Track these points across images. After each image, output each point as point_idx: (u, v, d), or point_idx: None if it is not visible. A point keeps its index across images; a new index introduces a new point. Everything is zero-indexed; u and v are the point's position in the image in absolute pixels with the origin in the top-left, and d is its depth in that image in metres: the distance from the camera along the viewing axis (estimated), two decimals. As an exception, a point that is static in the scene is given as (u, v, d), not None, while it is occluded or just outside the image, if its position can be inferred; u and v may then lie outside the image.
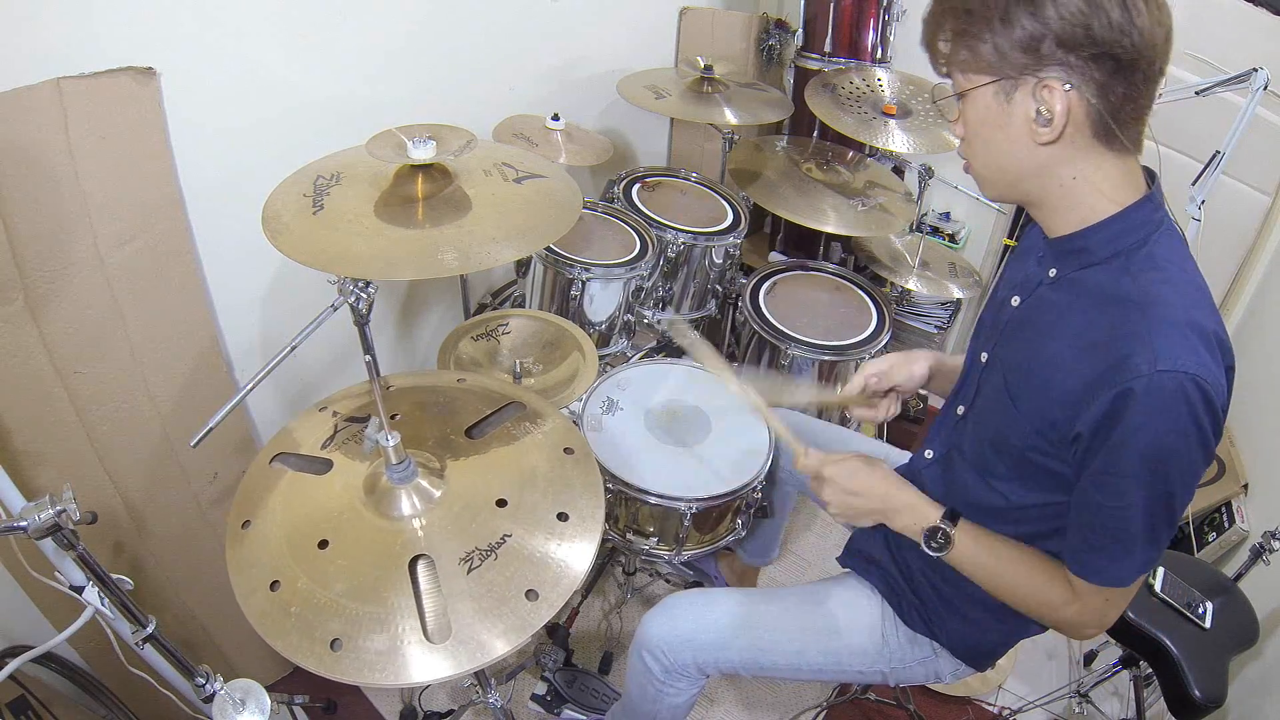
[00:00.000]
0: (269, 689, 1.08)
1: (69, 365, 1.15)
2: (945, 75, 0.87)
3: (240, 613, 0.91)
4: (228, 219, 1.28)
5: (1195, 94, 1.57)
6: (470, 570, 0.94)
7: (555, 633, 1.72)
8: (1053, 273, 0.93)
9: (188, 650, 1.09)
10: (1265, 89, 1.53)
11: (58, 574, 1.05)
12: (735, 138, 2.14)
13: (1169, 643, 1.38)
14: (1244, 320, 2.08)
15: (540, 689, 1.68)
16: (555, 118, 1.82)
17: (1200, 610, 1.45)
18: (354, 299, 0.88)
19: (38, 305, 1.09)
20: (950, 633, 1.16)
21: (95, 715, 1.30)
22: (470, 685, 1.35)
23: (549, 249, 1.72)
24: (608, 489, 1.38)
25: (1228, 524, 1.82)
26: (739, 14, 2.37)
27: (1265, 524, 1.59)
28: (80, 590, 1.05)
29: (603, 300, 1.77)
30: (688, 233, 1.90)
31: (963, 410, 1.08)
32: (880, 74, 2.11)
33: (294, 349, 0.95)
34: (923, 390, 1.28)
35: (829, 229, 1.94)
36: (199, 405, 1.36)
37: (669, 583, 1.98)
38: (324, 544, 0.97)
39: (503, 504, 1.02)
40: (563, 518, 1.01)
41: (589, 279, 1.71)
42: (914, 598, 1.18)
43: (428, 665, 0.86)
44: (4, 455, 1.08)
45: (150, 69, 1.12)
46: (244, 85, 1.30)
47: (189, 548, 1.42)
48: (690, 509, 1.41)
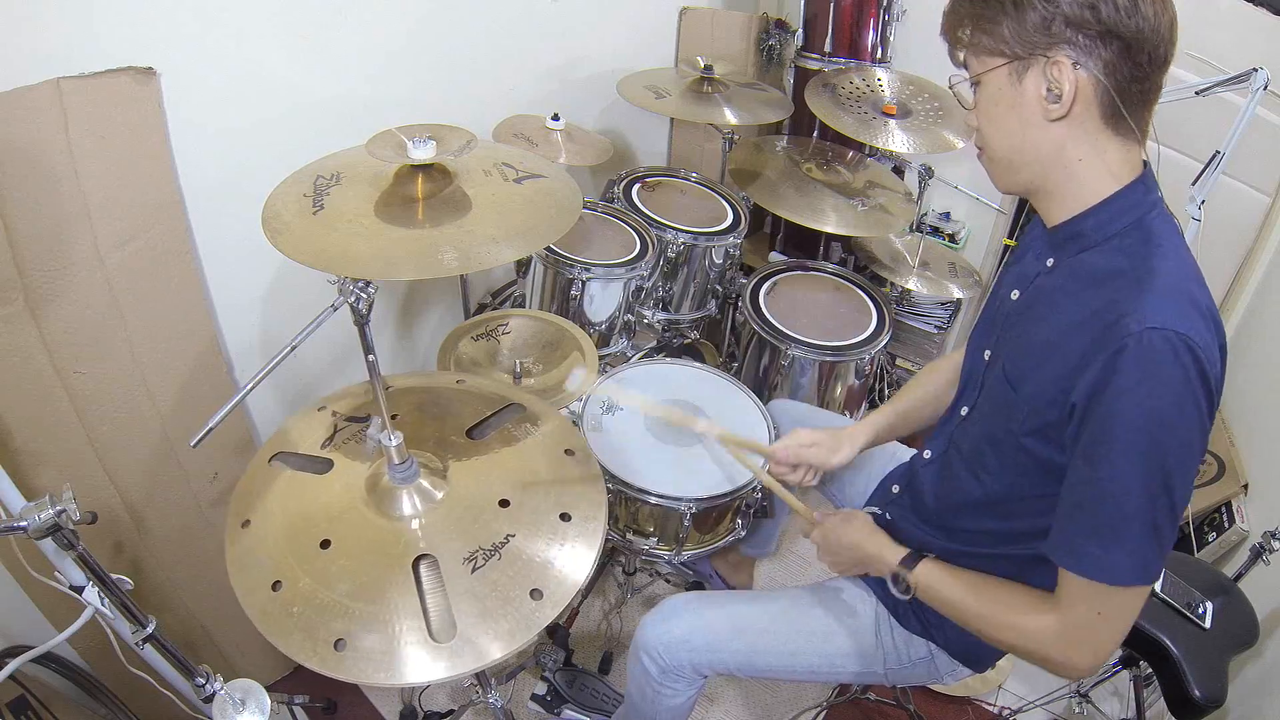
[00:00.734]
0: (269, 689, 1.08)
1: (69, 365, 1.15)
2: (961, 65, 0.91)
3: (240, 613, 0.91)
4: (228, 219, 1.28)
5: (1195, 94, 1.57)
6: (474, 570, 0.94)
7: (555, 633, 1.72)
8: (1050, 262, 0.95)
9: (188, 650, 1.09)
10: (1265, 89, 1.53)
11: (58, 574, 1.05)
12: (735, 138, 2.14)
13: (1169, 643, 1.38)
14: (1244, 320, 2.08)
15: (540, 689, 1.68)
16: (555, 118, 1.82)
17: (1200, 610, 1.45)
18: (354, 299, 0.88)
19: (38, 305, 1.09)
20: (948, 634, 1.16)
21: (95, 715, 1.30)
22: (470, 685, 1.35)
23: (549, 249, 1.72)
24: (608, 489, 1.38)
25: (1228, 524, 1.81)
26: (739, 14, 2.37)
27: (1265, 524, 1.59)
28: (80, 590, 1.05)
29: (603, 300, 1.77)
30: (688, 233, 1.90)
31: (966, 410, 1.08)
32: (880, 74, 2.11)
33: (294, 349, 0.94)
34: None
35: (829, 229, 1.94)
36: (199, 405, 1.36)
37: (669, 582, 1.98)
38: (326, 544, 0.97)
39: (505, 504, 1.02)
40: (565, 518, 1.01)
41: (589, 279, 1.71)
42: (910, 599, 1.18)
43: (432, 665, 0.87)
44: (4, 455, 1.08)
45: (150, 69, 1.12)
46: (244, 85, 1.30)
47: (189, 548, 1.42)
48: (690, 509, 1.41)
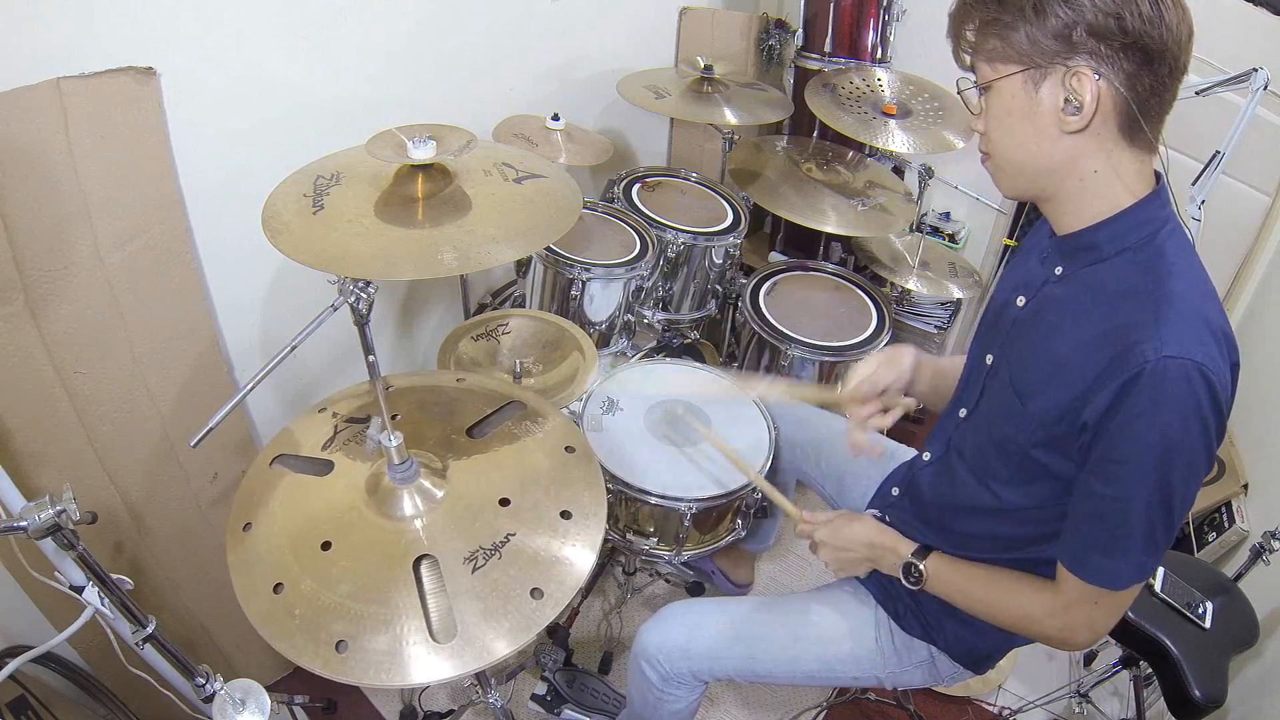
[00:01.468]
0: (269, 689, 1.08)
1: (69, 365, 1.15)
2: (968, 68, 0.87)
3: (240, 613, 0.91)
4: (228, 219, 1.28)
5: (1195, 94, 1.57)
6: (475, 570, 0.94)
7: (555, 633, 1.72)
8: (1059, 270, 0.93)
9: (188, 650, 1.09)
10: (1265, 89, 1.53)
11: (58, 574, 1.05)
12: (735, 138, 2.13)
13: (1169, 643, 1.38)
14: (1244, 320, 2.08)
15: (540, 689, 1.68)
16: (555, 118, 1.82)
17: (1200, 610, 1.45)
18: (354, 299, 0.88)
19: (38, 305, 1.09)
20: (948, 636, 1.16)
21: (95, 715, 1.30)
22: (470, 685, 1.36)
23: (549, 249, 1.72)
24: (608, 489, 1.38)
25: (1228, 524, 1.82)
26: (739, 14, 2.37)
27: (1265, 524, 1.59)
28: (80, 590, 1.05)
29: (603, 300, 1.77)
30: (688, 233, 1.90)
31: (965, 413, 1.08)
32: (880, 74, 2.10)
33: (294, 349, 0.95)
34: (909, 396, 1.29)
35: (829, 229, 1.94)
36: (199, 405, 1.36)
37: (669, 582, 1.98)
38: (327, 545, 0.97)
39: (505, 503, 1.02)
40: (566, 516, 1.01)
41: (589, 279, 1.71)
42: (911, 602, 1.18)
43: (433, 665, 0.87)
44: (4, 455, 1.08)
45: (150, 69, 1.12)
46: (244, 85, 1.30)
47: (189, 548, 1.42)
48: (691, 509, 1.41)
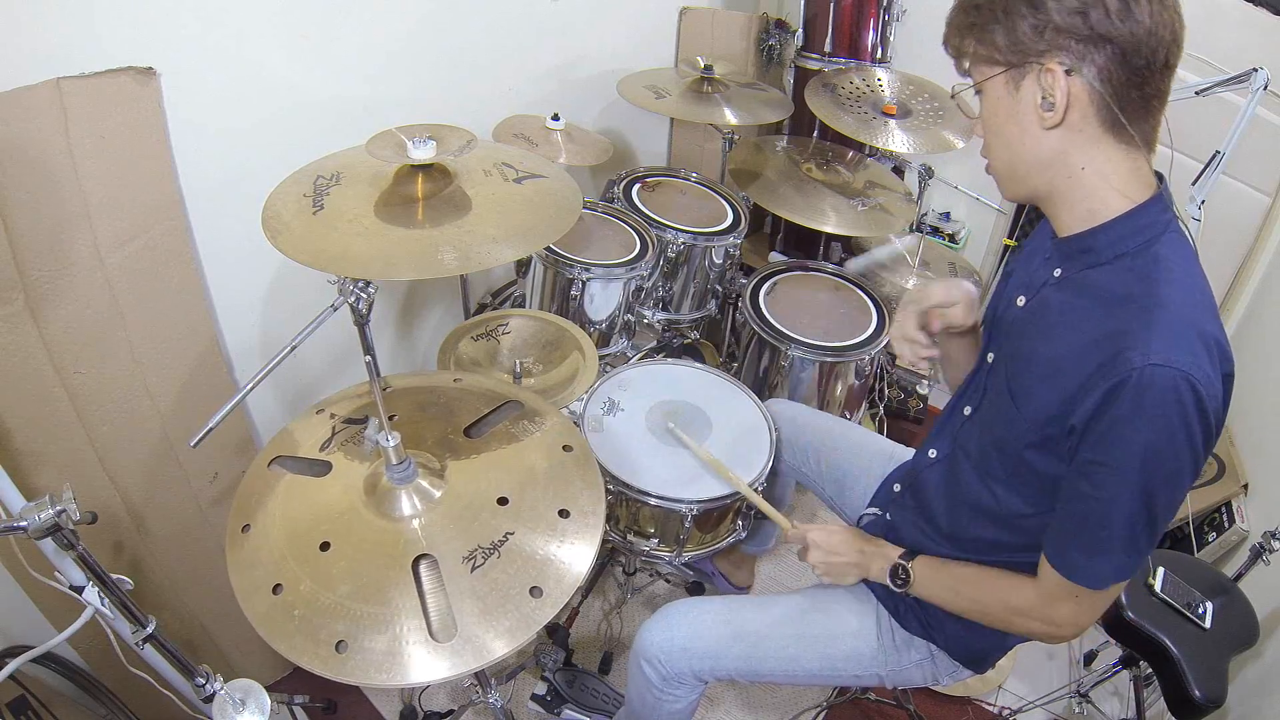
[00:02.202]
0: (269, 689, 1.08)
1: (69, 365, 1.15)
2: (965, 74, 0.90)
3: (240, 613, 0.91)
4: (228, 219, 1.28)
5: (1195, 94, 1.58)
6: (474, 569, 0.94)
7: (555, 633, 1.72)
8: (1057, 273, 0.94)
9: (188, 650, 1.09)
10: (1265, 89, 1.53)
11: (58, 574, 1.05)
12: (735, 138, 2.13)
13: (1169, 643, 1.38)
14: (1244, 320, 2.08)
15: (540, 689, 1.68)
16: (555, 118, 1.82)
17: (1200, 610, 1.45)
18: (354, 299, 0.88)
19: (38, 305, 1.09)
20: (948, 635, 1.16)
21: (95, 715, 1.30)
22: (470, 685, 1.35)
23: (549, 249, 1.72)
24: (608, 490, 1.38)
25: (1228, 524, 1.82)
26: (739, 14, 2.37)
27: (1265, 524, 1.59)
28: (80, 590, 1.05)
29: (603, 300, 1.77)
30: (688, 233, 1.90)
31: (970, 410, 1.08)
32: (880, 74, 2.11)
33: (294, 349, 0.95)
34: (925, 374, 1.29)
35: (829, 229, 1.94)
36: (199, 405, 1.36)
37: (669, 583, 1.98)
38: (326, 546, 0.97)
39: (504, 502, 1.02)
40: (564, 514, 1.01)
41: (589, 279, 1.71)
42: (911, 599, 1.18)
43: (433, 664, 0.87)
44: (4, 455, 1.08)
45: (150, 69, 1.12)
46: (244, 85, 1.30)
47: (189, 548, 1.42)
48: (691, 510, 1.41)
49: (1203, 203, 1.67)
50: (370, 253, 0.85)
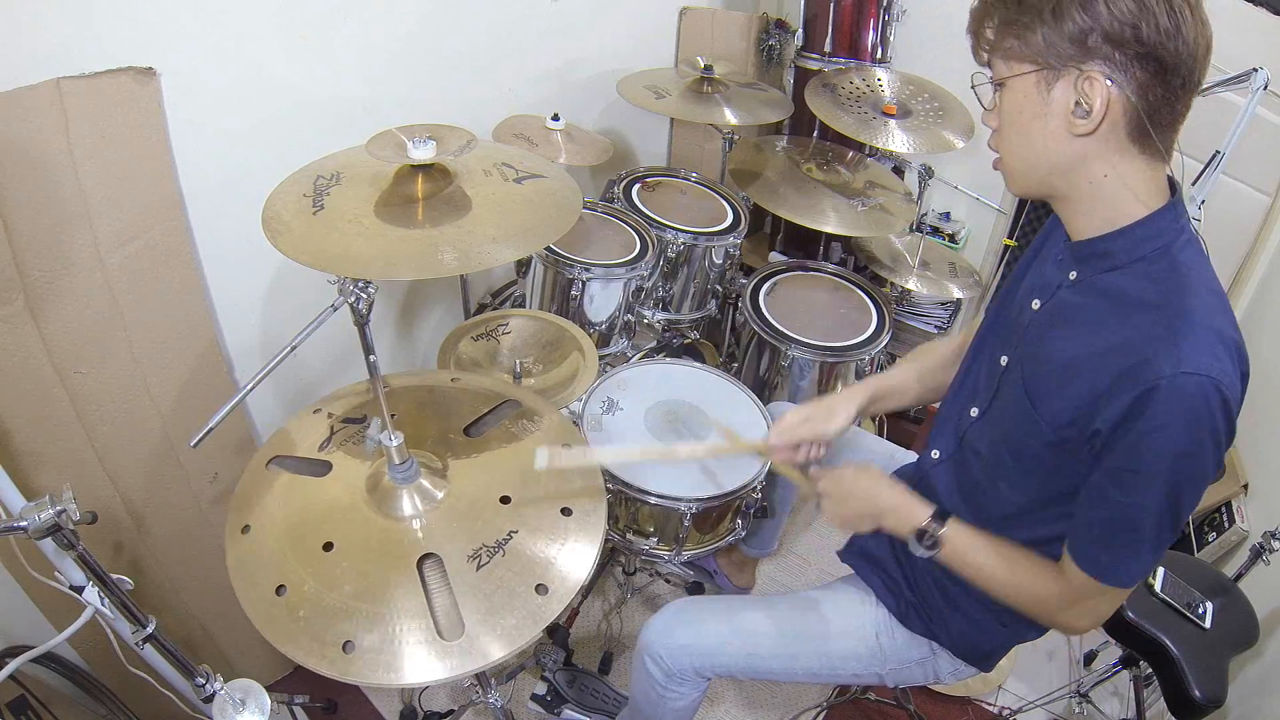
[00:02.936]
0: (269, 689, 1.08)
1: (69, 365, 1.15)
2: (985, 64, 0.88)
3: (240, 613, 0.91)
4: (228, 219, 1.28)
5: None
6: (480, 567, 0.94)
7: (555, 633, 1.72)
8: (1073, 275, 0.93)
9: (188, 650, 1.09)
10: (1265, 89, 1.53)
11: (58, 574, 1.05)
12: (735, 138, 2.13)
13: (1169, 643, 1.38)
14: (1244, 320, 2.07)
15: (540, 689, 1.68)
16: (555, 118, 1.82)
17: (1200, 610, 1.45)
18: (354, 299, 0.88)
19: (38, 305, 1.09)
20: (952, 632, 1.16)
21: (95, 715, 1.30)
22: (470, 685, 1.35)
23: (549, 249, 1.72)
24: (608, 489, 1.38)
25: (1228, 524, 1.82)
26: (739, 14, 2.37)
27: (1265, 524, 1.60)
28: (80, 590, 1.05)
29: (603, 300, 1.77)
30: (688, 233, 1.90)
31: (978, 412, 1.08)
32: (880, 74, 2.10)
33: (294, 349, 0.95)
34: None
35: (829, 229, 1.94)
36: (199, 405, 1.36)
37: (669, 582, 1.98)
38: (329, 546, 0.97)
39: (506, 501, 1.03)
40: (566, 513, 1.02)
41: (589, 279, 1.71)
42: (914, 597, 1.18)
43: (440, 663, 0.87)
44: (4, 455, 1.08)
45: (150, 69, 1.12)
46: (244, 85, 1.30)
47: (189, 548, 1.42)
48: (690, 509, 1.41)
49: (1203, 203, 1.67)
50: (370, 253, 0.85)
